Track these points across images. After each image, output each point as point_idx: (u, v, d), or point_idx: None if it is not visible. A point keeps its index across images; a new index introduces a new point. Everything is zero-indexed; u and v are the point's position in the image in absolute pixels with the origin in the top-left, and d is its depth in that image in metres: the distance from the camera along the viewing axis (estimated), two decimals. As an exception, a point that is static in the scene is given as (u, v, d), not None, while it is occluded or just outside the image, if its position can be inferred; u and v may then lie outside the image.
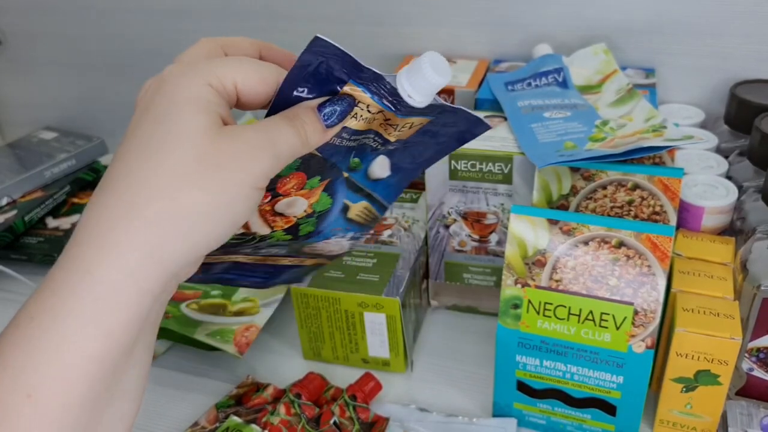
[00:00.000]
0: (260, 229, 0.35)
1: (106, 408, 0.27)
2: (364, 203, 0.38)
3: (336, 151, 0.34)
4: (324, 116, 0.31)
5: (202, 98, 0.28)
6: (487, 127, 0.35)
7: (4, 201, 0.78)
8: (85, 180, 0.85)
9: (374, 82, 0.31)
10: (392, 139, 0.35)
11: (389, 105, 0.32)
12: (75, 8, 0.86)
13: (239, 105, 0.31)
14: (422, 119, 0.34)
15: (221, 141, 0.28)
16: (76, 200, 0.83)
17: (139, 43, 0.86)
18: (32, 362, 0.25)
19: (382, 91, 0.31)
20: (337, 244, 0.39)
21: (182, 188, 0.27)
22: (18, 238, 0.76)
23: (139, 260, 0.26)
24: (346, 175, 0.36)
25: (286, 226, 0.36)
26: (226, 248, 0.35)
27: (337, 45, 0.29)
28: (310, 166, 0.34)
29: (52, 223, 0.79)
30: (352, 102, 0.32)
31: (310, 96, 0.32)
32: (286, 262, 0.39)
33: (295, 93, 0.31)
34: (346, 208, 0.38)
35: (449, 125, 0.35)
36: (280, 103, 0.31)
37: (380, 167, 0.37)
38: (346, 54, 0.29)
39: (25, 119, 0.98)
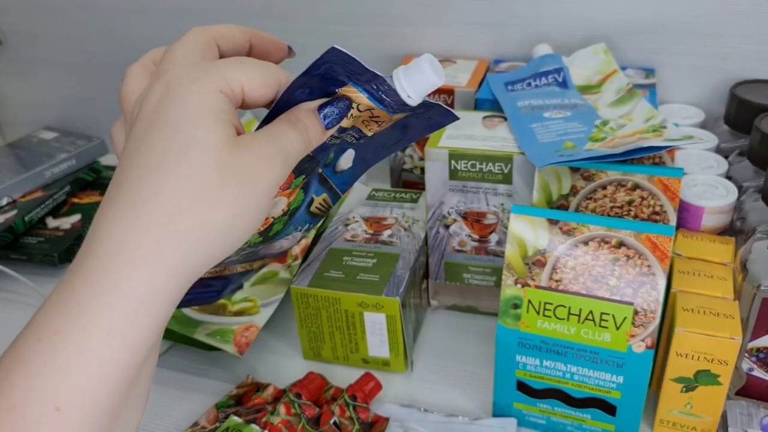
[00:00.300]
0: None
1: (120, 414, 0.27)
2: (324, 195, 0.39)
3: (324, 148, 0.34)
4: (323, 117, 0.32)
5: (215, 107, 0.28)
6: (455, 118, 0.36)
7: (4, 201, 0.79)
8: (85, 180, 0.85)
9: (372, 82, 0.31)
10: (370, 134, 0.35)
11: (386, 105, 0.32)
12: (75, 8, 0.86)
13: (242, 106, 0.31)
14: (402, 115, 0.34)
15: (238, 153, 0.28)
16: (76, 200, 0.83)
17: (139, 43, 0.86)
18: (58, 375, 0.25)
19: (380, 92, 0.32)
20: (293, 239, 0.40)
21: (206, 202, 0.27)
22: (18, 238, 0.76)
23: (164, 273, 0.26)
24: (320, 170, 0.37)
25: (262, 229, 0.35)
26: None
27: (353, 56, 0.29)
28: (300, 165, 0.34)
29: (52, 223, 0.79)
30: (349, 103, 0.32)
31: (310, 97, 0.32)
32: (239, 269, 0.40)
33: (295, 94, 0.32)
34: (311, 203, 0.38)
35: (422, 118, 0.36)
36: (282, 104, 0.32)
37: (345, 160, 0.38)
38: (352, 59, 0.29)
39: (25, 119, 0.98)
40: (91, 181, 0.86)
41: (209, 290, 0.40)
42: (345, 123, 0.33)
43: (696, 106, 0.67)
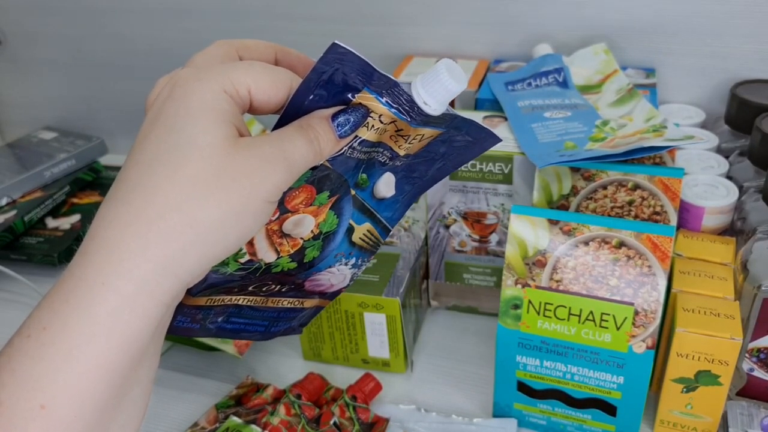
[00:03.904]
0: (266, 255, 0.34)
1: (115, 416, 0.27)
2: (367, 225, 0.37)
3: (347, 163, 0.33)
4: (337, 126, 0.31)
5: (217, 107, 0.28)
6: (498, 140, 0.34)
7: (4, 201, 0.78)
8: (85, 180, 0.85)
9: (389, 88, 0.30)
10: (401, 153, 0.34)
11: (403, 113, 0.31)
12: (75, 8, 0.86)
13: (251, 110, 0.30)
14: (433, 131, 0.33)
15: (236, 154, 0.27)
16: (75, 200, 0.83)
17: (140, 43, 0.86)
18: (44, 372, 0.25)
19: (397, 99, 0.31)
20: (340, 274, 0.38)
21: (197, 201, 0.27)
22: (18, 238, 0.76)
23: (152, 272, 0.26)
24: (353, 192, 0.35)
25: (292, 251, 0.34)
26: (232, 281, 0.34)
27: (354, 52, 0.28)
28: (320, 180, 0.33)
29: (51, 223, 0.79)
30: (365, 112, 0.31)
31: (324, 104, 0.31)
32: (286, 303, 0.38)
33: (308, 101, 0.30)
34: (350, 230, 0.36)
35: (458, 138, 0.34)
36: (292, 110, 0.31)
37: (386, 185, 0.36)
38: (363, 61, 0.29)
39: (25, 119, 0.98)
40: (90, 181, 0.86)
41: (252, 322, 0.38)
42: (367, 135, 0.32)
43: (696, 106, 0.67)
